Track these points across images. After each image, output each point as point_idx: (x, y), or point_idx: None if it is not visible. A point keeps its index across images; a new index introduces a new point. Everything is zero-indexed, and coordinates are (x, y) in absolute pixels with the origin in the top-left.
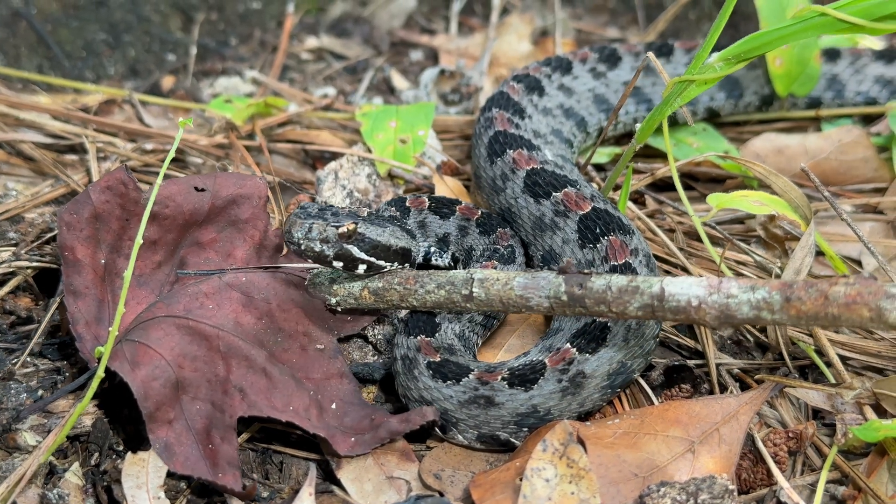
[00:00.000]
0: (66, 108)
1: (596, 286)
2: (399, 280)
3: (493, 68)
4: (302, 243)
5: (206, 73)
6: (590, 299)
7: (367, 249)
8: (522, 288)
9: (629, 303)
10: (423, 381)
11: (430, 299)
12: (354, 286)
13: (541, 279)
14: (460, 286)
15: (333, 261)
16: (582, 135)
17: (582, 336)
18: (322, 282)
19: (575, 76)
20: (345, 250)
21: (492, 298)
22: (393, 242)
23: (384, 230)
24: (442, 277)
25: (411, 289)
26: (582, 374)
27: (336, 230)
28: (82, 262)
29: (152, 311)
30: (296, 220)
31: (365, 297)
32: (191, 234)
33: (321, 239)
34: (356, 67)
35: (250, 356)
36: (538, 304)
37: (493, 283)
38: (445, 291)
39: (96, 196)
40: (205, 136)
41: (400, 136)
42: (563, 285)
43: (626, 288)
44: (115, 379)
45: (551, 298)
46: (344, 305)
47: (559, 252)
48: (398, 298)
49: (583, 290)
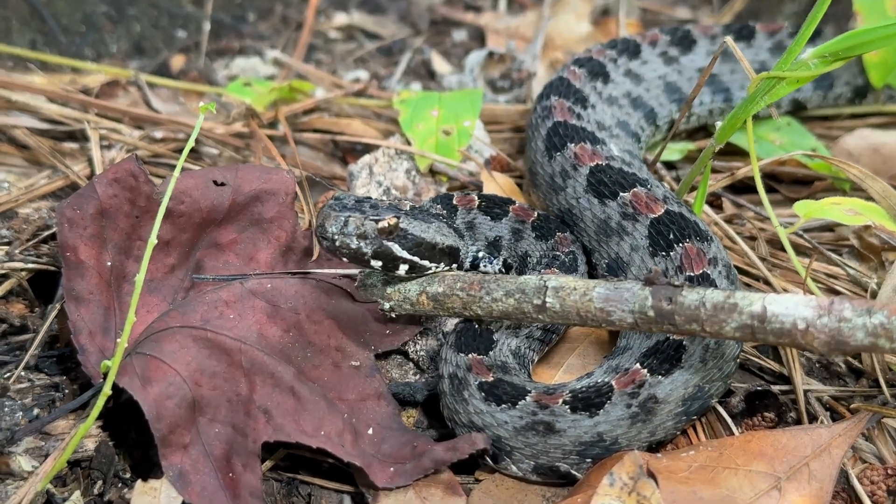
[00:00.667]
0: (64, 89)
1: (688, 301)
2: (462, 285)
3: (547, 51)
4: (337, 239)
5: (220, 52)
6: (680, 316)
7: (410, 247)
8: (603, 300)
9: (725, 322)
10: (474, 404)
11: (497, 308)
12: (411, 290)
13: (625, 291)
14: (532, 295)
15: (372, 259)
16: (651, 128)
17: (654, 356)
18: (374, 283)
19: (644, 61)
20: (385, 247)
21: (568, 311)
22: (439, 240)
23: (429, 226)
24: (511, 284)
25: (476, 296)
26: (654, 398)
27: (375, 224)
28: (86, 264)
29: (165, 320)
30: (330, 213)
31: (423, 302)
32: (208, 233)
33: (358, 234)
34: (391, 48)
35: (276, 373)
36: (620, 319)
37: (570, 293)
38: (515, 300)
39: (102, 189)
40: (222, 123)
41: (443, 127)
42: (649, 299)
43: (722, 305)
44: (121, 397)
45: (636, 313)
46: (398, 311)
47: (627, 261)
48: (460, 306)
49: (672, 306)
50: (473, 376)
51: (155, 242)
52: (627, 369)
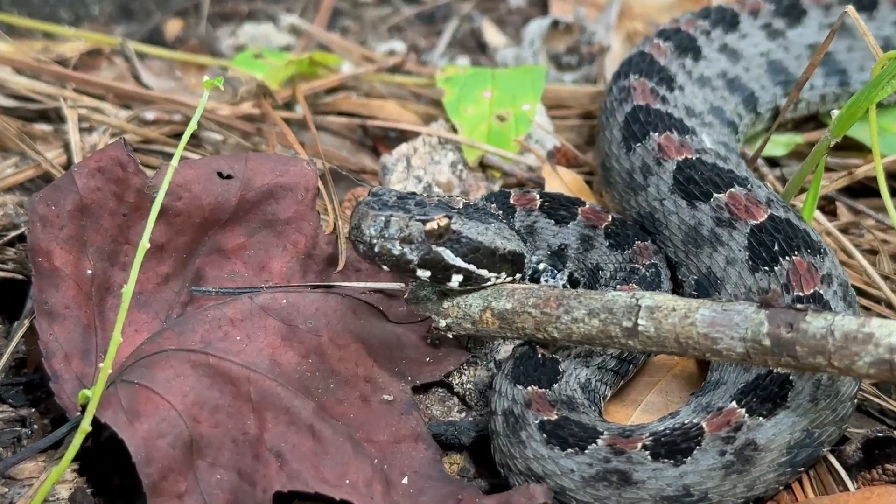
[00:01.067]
0: (36, 58)
1: (812, 329)
2: (536, 301)
3: (623, 21)
4: (376, 243)
5: (225, 16)
6: (803, 347)
7: (465, 253)
8: (709, 324)
9: (858, 356)
10: (534, 448)
11: (578, 331)
12: (473, 305)
13: (735, 314)
14: (621, 316)
15: (418, 268)
16: (750, 115)
17: (753, 393)
18: (428, 296)
19: (742, 34)
20: (434, 254)
21: (664, 336)
22: (500, 244)
23: (487, 227)
24: (596, 301)
25: (552, 314)
26: (753, 444)
27: (423, 226)
28: (61, 273)
29: (158, 341)
30: (368, 212)
31: (487, 321)
32: (211, 237)
33: (402, 238)
34: (434, 15)
35: (292, 408)
36: (729, 348)
37: (668, 315)
38: (600, 321)
39: (83, 181)
40: (227, 103)
41: (497, 112)
42: (766, 324)
43: (854, 335)
44: (103, 434)
45: (748, 342)
46: (457, 331)
47: (721, 277)
48: (533, 326)
49: (793, 334)
50: (533, 413)
51: (147, 246)
52: (721, 409)
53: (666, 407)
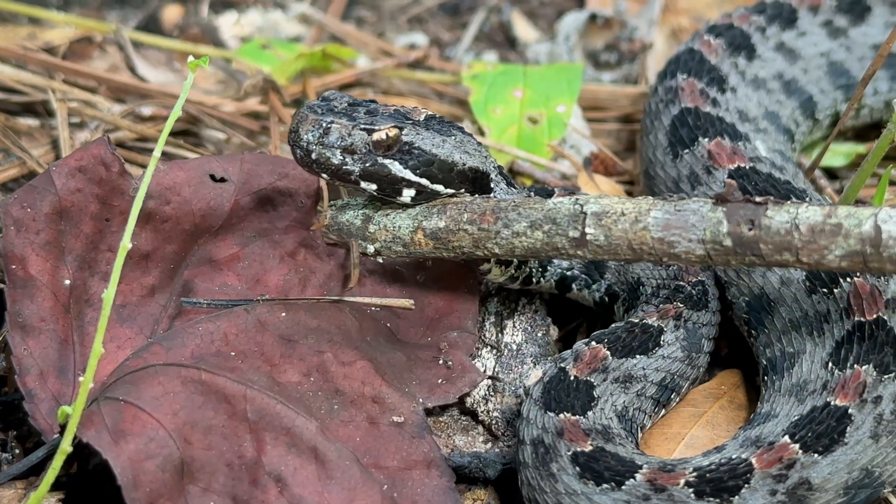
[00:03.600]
0: (21, 46)
1: (776, 224)
2: (471, 216)
3: (667, 16)
4: (313, 150)
5: (229, 3)
6: (766, 244)
7: (417, 166)
8: (663, 227)
9: (827, 249)
10: (565, 482)
11: (521, 245)
12: (402, 226)
13: (690, 213)
14: (566, 225)
15: (361, 181)
16: (808, 122)
17: (807, 427)
18: (351, 220)
19: (801, 32)
20: (379, 166)
21: (616, 244)
22: (458, 159)
23: (446, 139)
24: (537, 212)
25: (490, 230)
26: (806, 483)
27: (367, 136)
28: (37, 282)
29: (144, 356)
30: (307, 115)
31: (420, 242)
32: (201, 246)
33: (344, 147)
34: (459, 5)
35: (293, 429)
36: (687, 251)
37: (618, 221)
38: (543, 234)
39: (62, 182)
40: (231, 98)
41: (528, 113)
42: (724, 223)
43: (821, 227)
44: (90, 460)
45: (707, 243)
46: (387, 255)
47: (775, 299)
48: (470, 244)
49: (755, 231)
50: (566, 444)
51: (129, 247)
52: (772, 444)
53: (712, 442)
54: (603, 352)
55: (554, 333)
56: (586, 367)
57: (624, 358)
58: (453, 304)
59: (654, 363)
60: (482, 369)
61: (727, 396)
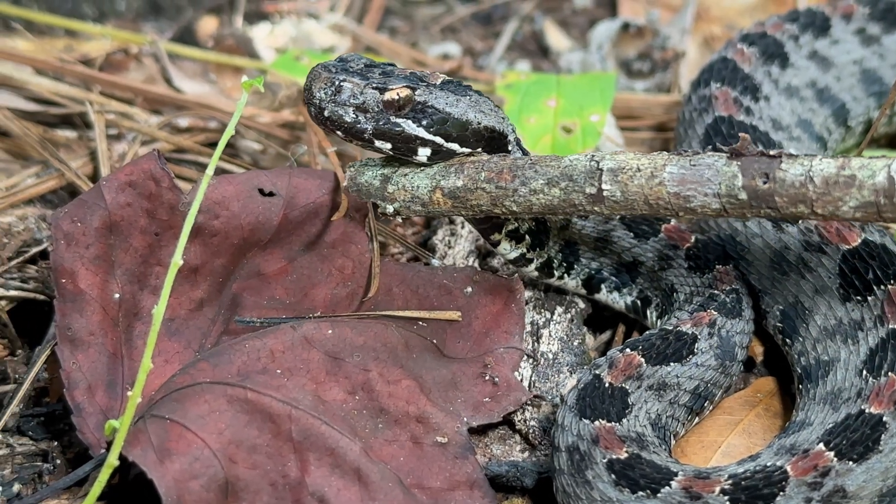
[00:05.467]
0: (58, 58)
1: (790, 176)
2: (488, 175)
3: (700, 24)
4: (325, 108)
5: (263, 14)
6: (781, 197)
7: (431, 125)
8: (678, 182)
9: (842, 201)
10: (601, 490)
11: (539, 202)
12: (421, 186)
13: (705, 168)
14: (583, 182)
15: (375, 139)
16: (840, 129)
17: (842, 434)
18: (370, 181)
19: (834, 40)
20: (392, 124)
21: (632, 199)
22: (473, 117)
23: (460, 98)
24: (554, 169)
25: (508, 188)
26: (841, 491)
27: (379, 94)
28: (87, 295)
29: (191, 373)
30: (321, 73)
31: (438, 201)
32: (249, 259)
33: (356, 105)
34: (491, 15)
35: (337, 449)
36: (703, 205)
37: (634, 176)
38: (560, 190)
39: (112, 196)
40: (266, 109)
41: (562, 122)
42: (739, 176)
43: (835, 178)
44: (130, 473)
45: (723, 197)
46: (406, 214)
47: (809, 307)
48: (488, 202)
49: (770, 184)
50: (601, 451)
51: (180, 263)
52: (807, 451)
53: (749, 450)
54: (637, 359)
55: (590, 342)
56: (621, 373)
57: (658, 365)
58: (500, 318)
59: (688, 371)
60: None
61: (763, 404)
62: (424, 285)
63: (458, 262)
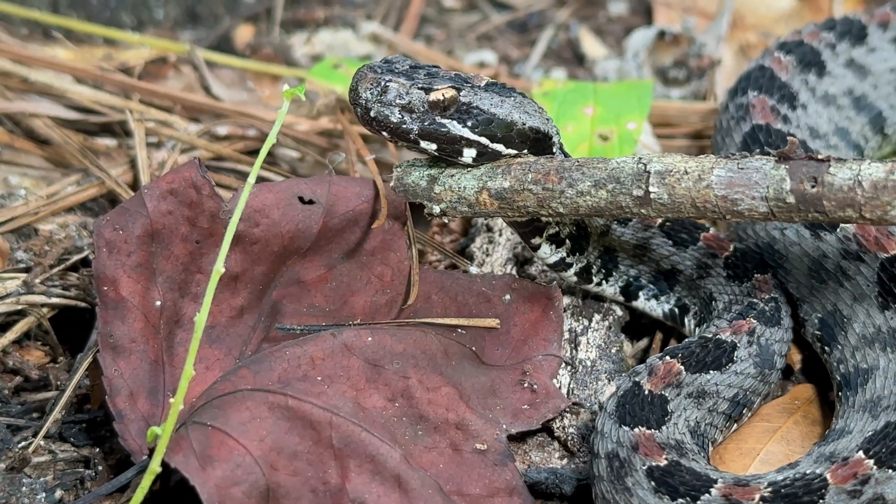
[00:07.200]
0: (98, 66)
1: (839, 181)
2: (536, 176)
3: (735, 32)
4: (371, 108)
5: (299, 22)
6: (830, 201)
7: (476, 125)
8: (726, 185)
9: (891, 205)
10: (640, 497)
11: (585, 204)
12: (468, 186)
13: (753, 171)
14: (630, 184)
15: (421, 140)
16: (877, 137)
17: (882, 442)
18: (417, 181)
19: (871, 48)
20: (437, 125)
21: (679, 202)
22: (518, 118)
23: (505, 100)
24: (601, 171)
25: (555, 189)
26: (881, 499)
27: (425, 94)
28: (128, 303)
29: (232, 380)
30: (367, 74)
31: (484, 202)
32: (289, 267)
33: (402, 105)
34: (527, 23)
35: (377, 456)
36: (750, 208)
37: (681, 179)
38: (607, 192)
39: (154, 204)
40: (304, 117)
41: (599, 130)
42: (787, 180)
43: (884, 182)
44: (171, 479)
45: (771, 200)
46: (453, 215)
47: (848, 315)
48: (535, 204)
49: (818, 188)
50: (641, 458)
51: (222, 271)
52: (847, 459)
53: (787, 458)
54: (677, 366)
55: (627, 350)
56: (660, 381)
57: (697, 373)
58: (538, 326)
59: (727, 379)
60: (559, 387)
61: (801, 412)
62: (463, 293)
63: (495, 269)
